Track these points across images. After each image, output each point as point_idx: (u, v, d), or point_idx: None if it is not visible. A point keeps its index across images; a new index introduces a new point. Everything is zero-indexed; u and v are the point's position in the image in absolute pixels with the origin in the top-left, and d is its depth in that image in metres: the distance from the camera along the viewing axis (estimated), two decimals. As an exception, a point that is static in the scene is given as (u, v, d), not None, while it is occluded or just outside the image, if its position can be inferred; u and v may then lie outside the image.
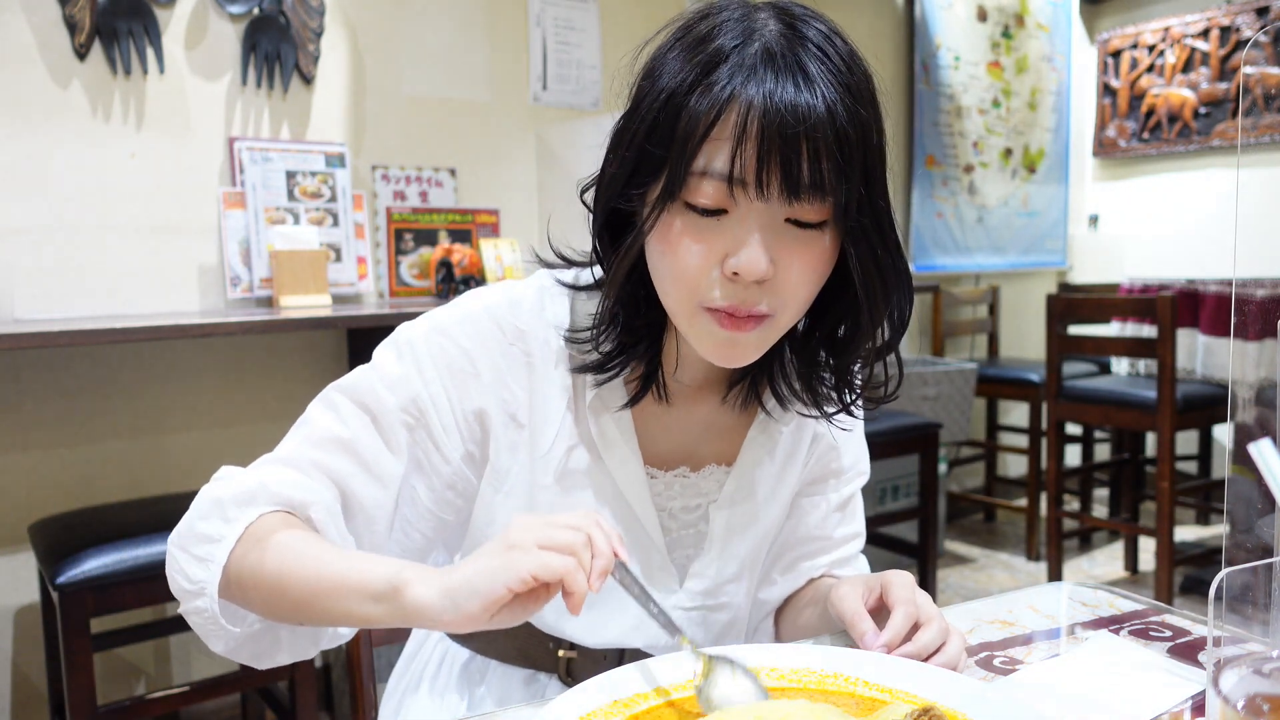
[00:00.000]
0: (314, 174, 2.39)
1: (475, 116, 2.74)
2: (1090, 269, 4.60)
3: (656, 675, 0.70)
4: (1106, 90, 4.53)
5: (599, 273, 0.84)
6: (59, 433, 2.14)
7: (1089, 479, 3.87)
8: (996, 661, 0.79)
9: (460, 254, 2.47)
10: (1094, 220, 4.66)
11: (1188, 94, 4.19)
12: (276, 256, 2.24)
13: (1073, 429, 3.92)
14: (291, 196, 2.36)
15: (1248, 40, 3.96)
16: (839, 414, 0.87)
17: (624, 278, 0.79)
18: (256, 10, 2.33)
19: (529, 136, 2.84)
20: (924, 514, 2.84)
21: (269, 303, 2.31)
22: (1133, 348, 3.06)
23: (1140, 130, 4.39)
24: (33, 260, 2.09)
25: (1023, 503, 3.90)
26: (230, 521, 0.74)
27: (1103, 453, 4.14)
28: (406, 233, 2.59)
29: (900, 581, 0.78)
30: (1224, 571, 0.57)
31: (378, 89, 2.57)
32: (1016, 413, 4.35)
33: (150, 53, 2.20)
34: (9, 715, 2.13)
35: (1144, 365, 3.40)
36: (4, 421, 2.08)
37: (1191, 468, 3.99)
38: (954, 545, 3.77)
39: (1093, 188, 4.67)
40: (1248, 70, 3.92)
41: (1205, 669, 0.76)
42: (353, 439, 0.80)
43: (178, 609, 0.77)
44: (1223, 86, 4.09)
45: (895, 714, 0.62)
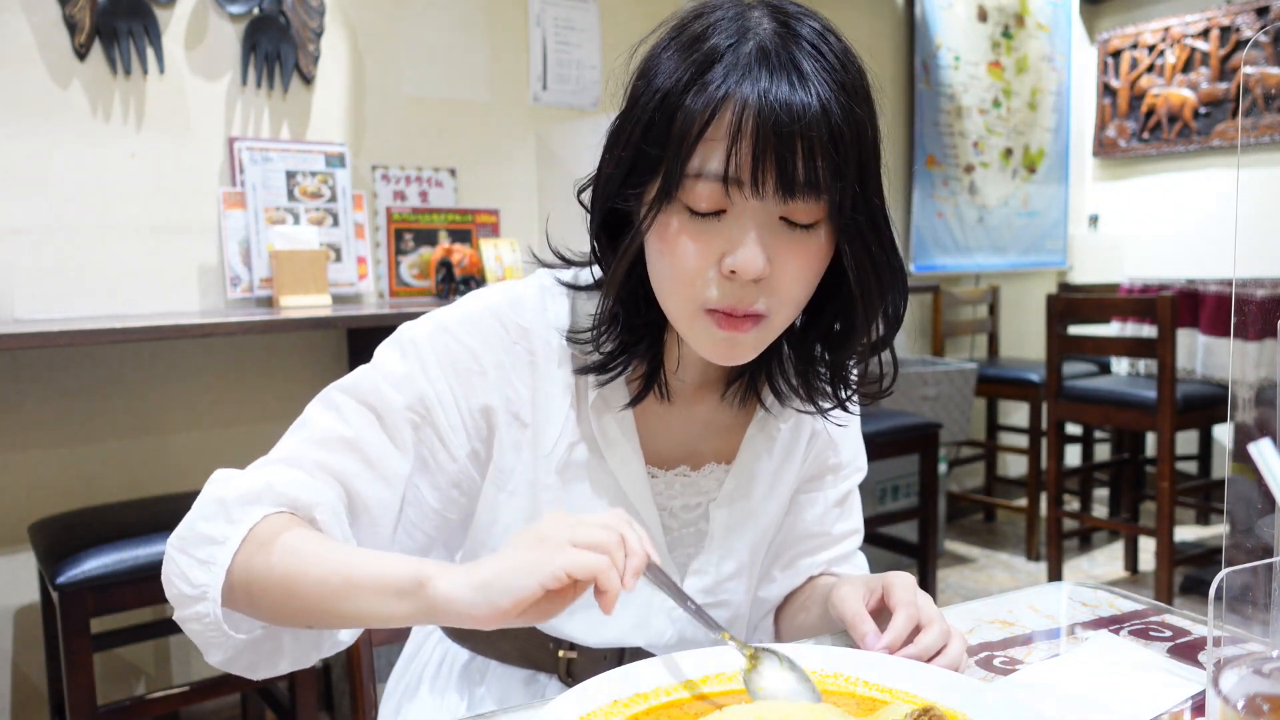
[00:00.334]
0: (314, 174, 2.39)
1: (475, 116, 2.74)
2: (1090, 269, 4.60)
3: (657, 675, 0.70)
4: (1106, 90, 4.53)
5: (598, 273, 0.84)
6: (59, 433, 2.14)
7: (1089, 479, 3.87)
8: (996, 661, 0.79)
9: (460, 254, 2.47)
10: (1094, 220, 4.66)
11: (1188, 94, 4.19)
12: (276, 256, 2.24)
13: (1073, 429, 3.92)
14: (291, 196, 2.36)
15: (1248, 40, 3.96)
16: (835, 410, 0.87)
17: (623, 277, 0.79)
18: (256, 10, 2.33)
19: (529, 136, 2.84)
20: (924, 514, 2.84)
21: (269, 303, 2.31)
22: (1133, 348, 3.06)
23: (1140, 130, 4.39)
24: (33, 260, 2.09)
25: (1023, 503, 3.90)
26: (234, 522, 0.73)
27: (1103, 453, 4.14)
28: (406, 233, 2.59)
29: (901, 583, 0.78)
30: (1224, 571, 0.57)
31: (378, 89, 2.57)
32: (1016, 413, 4.35)
33: (150, 53, 2.20)
34: (9, 715, 2.13)
35: (1144, 365, 3.40)
36: (4, 421, 2.08)
37: (1191, 468, 3.99)
38: (954, 545, 3.77)
39: (1093, 188, 4.67)
40: (1248, 70, 3.92)
41: (1205, 669, 0.76)
42: (357, 438, 0.80)
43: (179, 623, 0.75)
44: (1223, 86, 4.09)
45: (895, 714, 0.62)
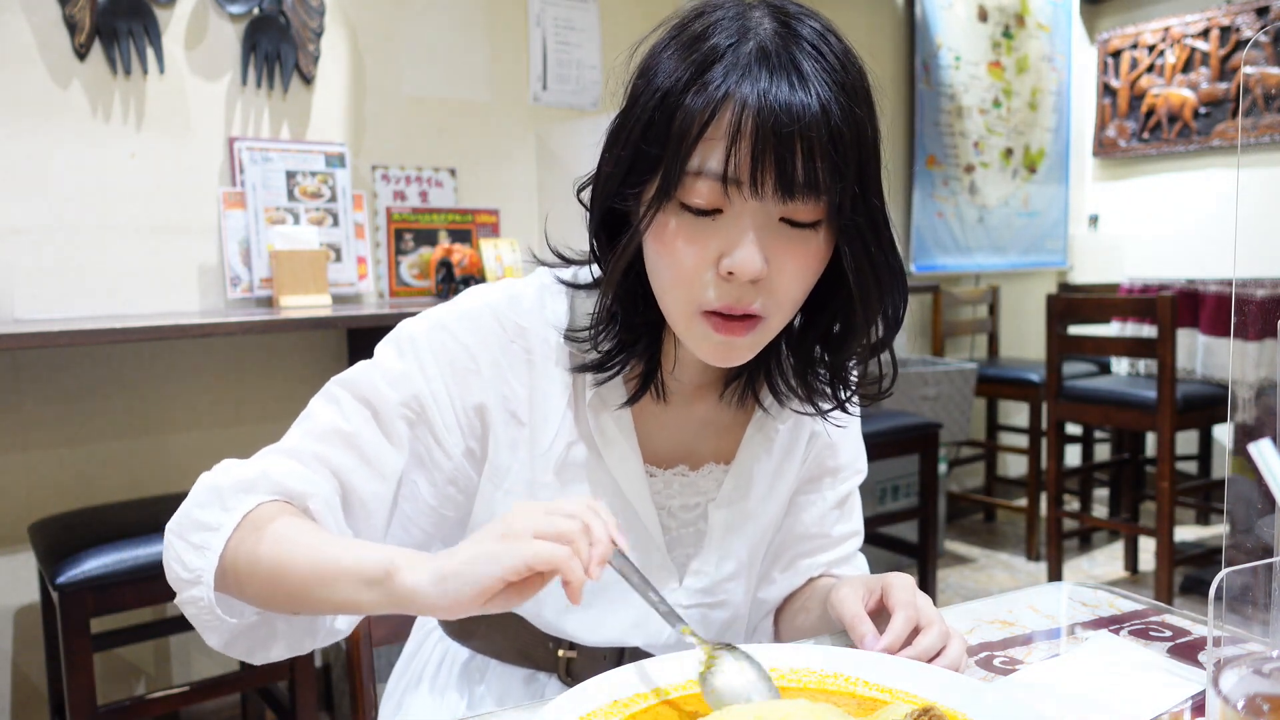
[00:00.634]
0: (314, 174, 2.39)
1: (475, 116, 2.74)
2: (1090, 269, 4.60)
3: (656, 675, 0.70)
4: (1106, 90, 4.53)
5: (597, 271, 0.84)
6: (59, 433, 2.14)
7: (1089, 479, 3.87)
8: (996, 661, 0.79)
9: (460, 254, 2.47)
10: (1094, 220, 4.67)
11: (1188, 94, 4.19)
12: (276, 256, 2.24)
13: (1073, 429, 3.92)
14: (291, 196, 2.36)
15: (1248, 40, 3.96)
16: (834, 410, 0.87)
17: (621, 276, 0.79)
18: (256, 10, 2.33)
19: (529, 136, 2.84)
20: (924, 514, 2.84)
21: (269, 303, 2.31)
22: (1133, 348, 3.06)
23: (1140, 130, 4.39)
24: (33, 260, 2.09)
25: (1023, 503, 3.90)
26: (229, 510, 0.74)
27: (1103, 453, 4.14)
28: (406, 233, 2.59)
29: (901, 584, 0.78)
30: (1224, 571, 0.57)
31: (378, 89, 2.57)
32: (1016, 413, 4.35)
33: (150, 53, 2.20)
34: (9, 715, 2.13)
35: (1144, 365, 3.39)
36: (4, 421, 2.08)
37: (1191, 468, 3.99)
38: (954, 545, 3.77)
39: (1093, 188, 4.67)
40: (1248, 70, 3.92)
41: (1205, 669, 0.76)
42: (354, 433, 0.80)
43: (177, 609, 0.76)
44: (1223, 86, 4.09)
45: (895, 714, 0.62)
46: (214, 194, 2.30)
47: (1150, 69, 4.33)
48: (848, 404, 0.87)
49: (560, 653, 0.90)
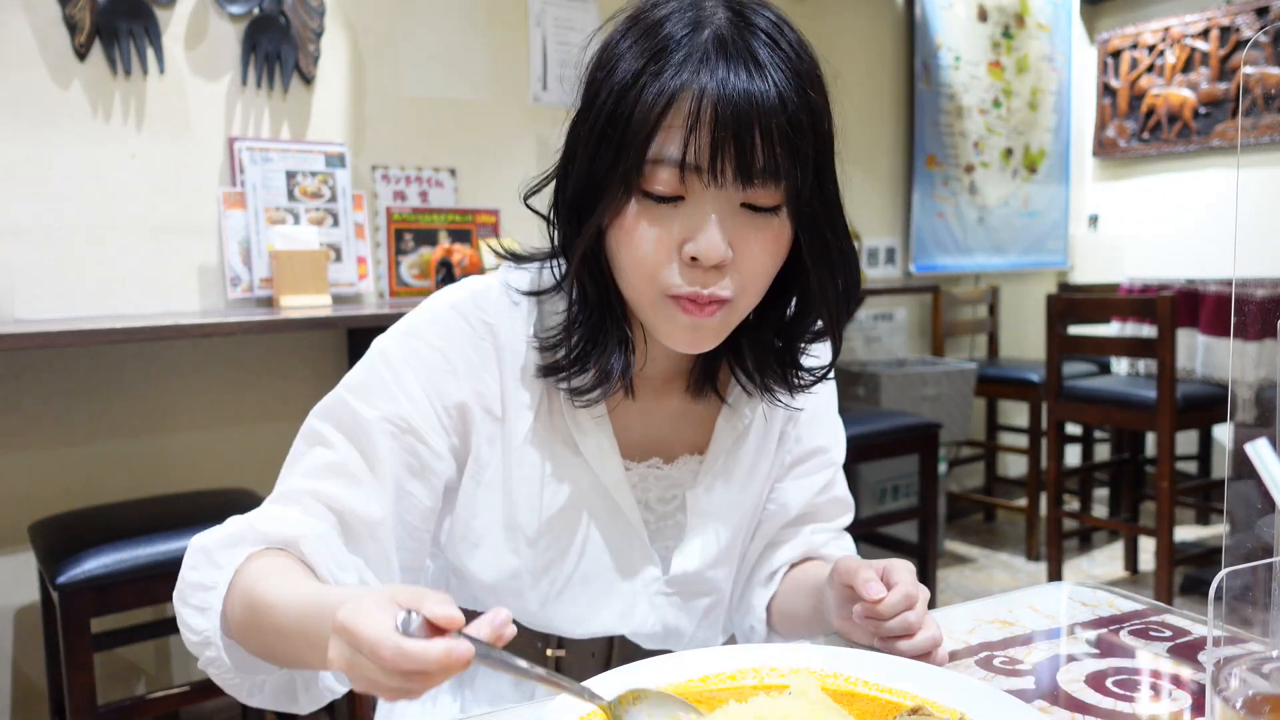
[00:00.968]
0: (314, 174, 2.39)
1: (475, 116, 2.74)
2: (1090, 269, 4.60)
3: (656, 675, 0.70)
4: (1106, 90, 4.53)
5: (559, 274, 0.85)
6: (59, 433, 2.14)
7: (1089, 479, 3.87)
8: (996, 661, 0.79)
9: (460, 254, 2.47)
10: (1094, 220, 4.66)
11: (1188, 94, 4.19)
12: (276, 256, 2.24)
13: (1072, 429, 3.91)
14: (291, 196, 2.36)
15: (1248, 40, 3.96)
16: (784, 393, 0.89)
17: (586, 273, 0.80)
18: (256, 10, 2.33)
19: (529, 136, 2.84)
20: (924, 514, 2.84)
21: (269, 303, 2.31)
22: (1133, 348, 3.06)
23: (1140, 130, 4.39)
24: (33, 260, 2.09)
25: (1023, 503, 3.90)
26: (220, 566, 0.74)
27: (1103, 453, 4.14)
28: (406, 233, 2.59)
29: (903, 567, 0.79)
30: (1224, 571, 0.57)
31: (378, 89, 2.57)
32: (1016, 413, 4.35)
33: (150, 53, 2.20)
34: (9, 715, 2.13)
35: (1144, 365, 3.39)
36: (4, 421, 2.08)
37: (1191, 468, 3.99)
38: (954, 545, 3.77)
39: (1093, 188, 4.67)
40: (1248, 70, 3.92)
41: (1205, 669, 0.76)
42: (342, 461, 0.80)
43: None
44: (1223, 86, 4.08)
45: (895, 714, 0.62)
46: (214, 194, 2.30)
47: (1150, 69, 4.33)
48: (796, 388, 0.89)
49: (549, 652, 0.90)
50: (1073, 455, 4.11)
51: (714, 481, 0.92)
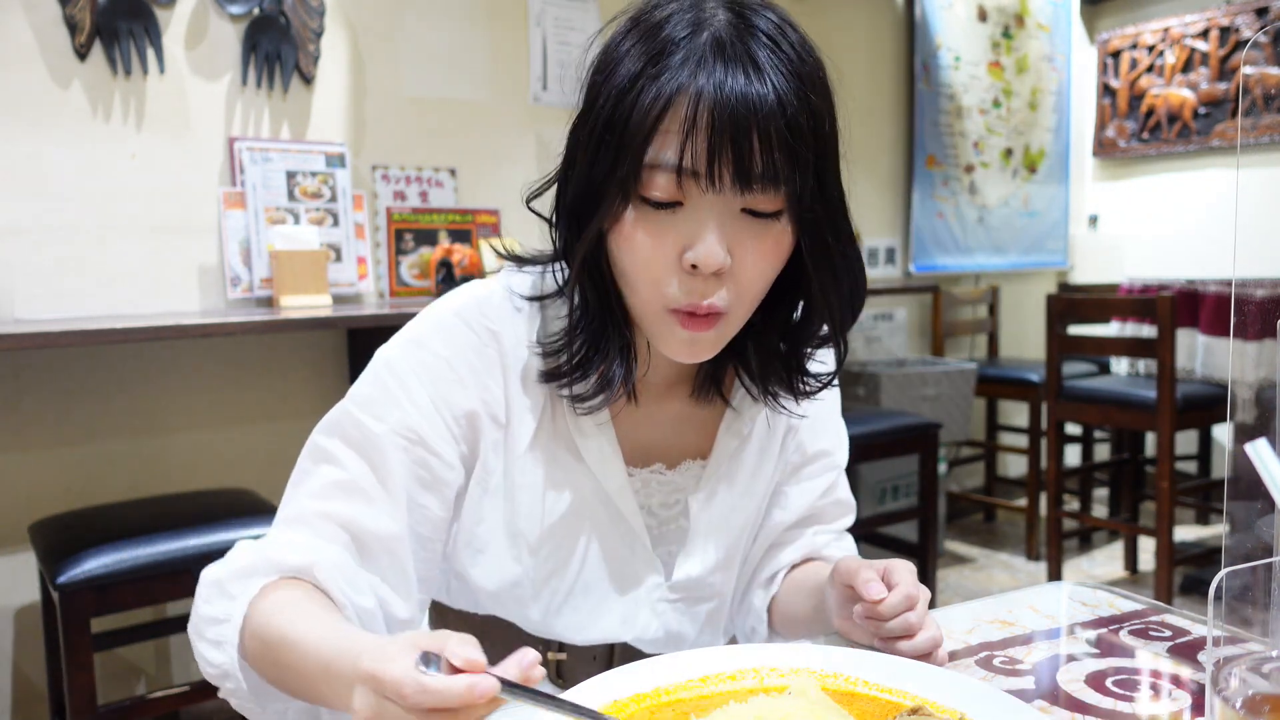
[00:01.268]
0: (314, 174, 2.39)
1: (475, 116, 2.74)
2: (1090, 269, 4.60)
3: (655, 676, 0.70)
4: (1106, 90, 4.53)
5: (561, 278, 0.84)
6: (59, 433, 2.14)
7: (1089, 479, 3.87)
8: (996, 661, 0.79)
9: (460, 254, 2.47)
10: (1094, 220, 4.66)
11: (1187, 94, 4.19)
12: (276, 256, 2.24)
13: (1072, 429, 3.92)
14: (291, 196, 2.36)
15: (1247, 40, 3.96)
16: (789, 399, 0.88)
17: (587, 279, 0.79)
18: (256, 10, 2.33)
19: (529, 136, 2.84)
20: (924, 514, 2.84)
21: (269, 303, 2.31)
22: (1133, 348, 3.06)
23: (1140, 130, 4.39)
24: (33, 260, 2.09)
25: (1023, 503, 3.90)
26: (234, 598, 0.73)
27: (1103, 453, 4.14)
28: (406, 233, 2.59)
29: (904, 567, 0.79)
30: (1224, 571, 0.57)
31: (378, 89, 2.57)
32: (1016, 413, 4.35)
33: (150, 53, 2.20)
34: (9, 715, 2.13)
35: (1144, 365, 3.39)
36: (4, 421, 2.08)
37: (1191, 468, 3.99)
38: (954, 545, 3.77)
39: (1093, 188, 4.67)
40: (1247, 70, 3.92)
41: (1205, 669, 0.76)
42: (352, 479, 0.79)
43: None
44: (1222, 86, 4.09)
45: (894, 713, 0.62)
46: (214, 194, 2.30)
47: (1150, 69, 4.33)
48: (801, 393, 0.88)
49: (550, 655, 0.90)
50: (1073, 455, 4.11)
51: (717, 486, 0.92)
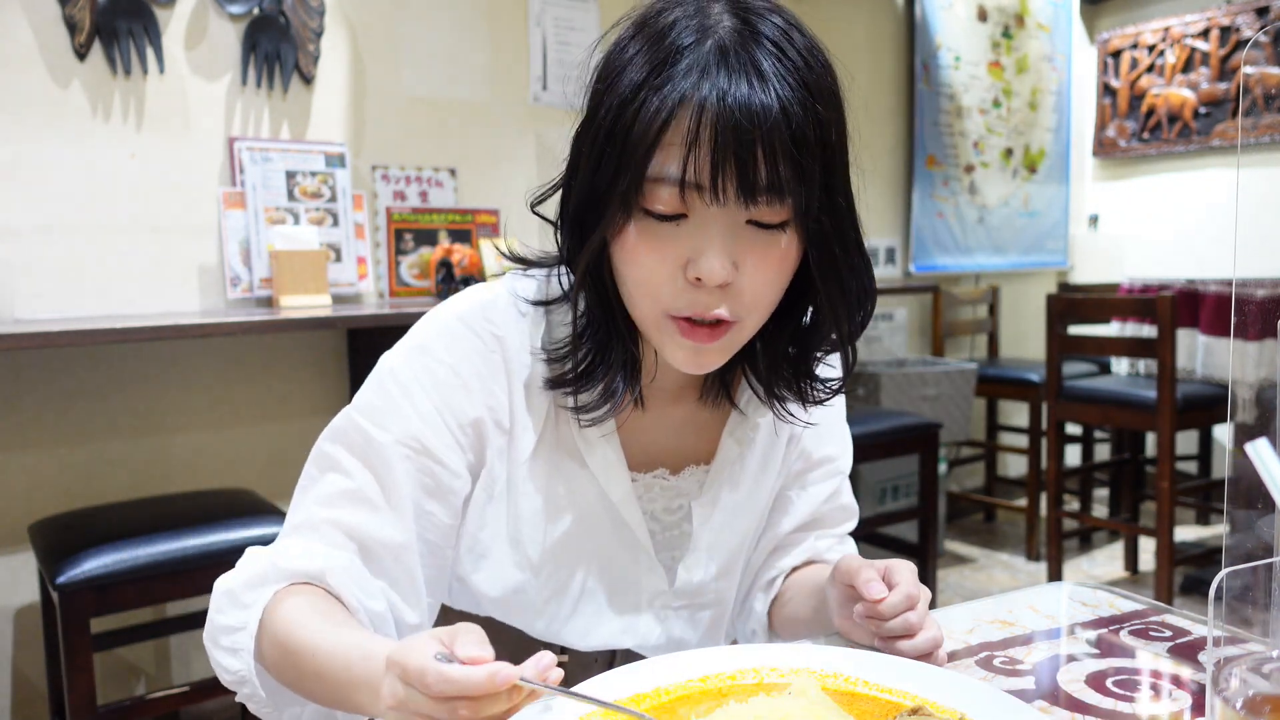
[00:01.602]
0: (314, 174, 2.39)
1: (475, 116, 2.74)
2: (1090, 269, 4.60)
3: (654, 676, 0.70)
4: (1106, 90, 4.53)
5: (567, 283, 0.83)
6: (59, 433, 2.14)
7: (1089, 479, 3.87)
8: (996, 661, 0.79)
9: (460, 254, 2.47)
10: (1094, 220, 4.66)
11: (1188, 94, 4.19)
12: (276, 256, 2.24)
13: (1073, 429, 3.92)
14: (291, 196, 2.36)
15: (1248, 40, 3.96)
16: (796, 405, 0.87)
17: (591, 287, 0.78)
18: (256, 10, 2.33)
19: (529, 136, 2.84)
20: (924, 514, 2.84)
21: (269, 303, 2.31)
22: (1133, 348, 3.06)
23: (1140, 130, 4.39)
24: (33, 260, 2.08)
25: (1023, 503, 3.90)
26: (247, 606, 0.74)
27: (1103, 453, 4.14)
28: (406, 233, 2.59)
29: (905, 567, 0.79)
30: (1224, 571, 0.57)
31: (378, 89, 2.57)
32: (1016, 413, 4.35)
33: (150, 53, 2.20)
34: (9, 715, 2.13)
35: (1144, 365, 3.39)
36: (4, 421, 2.08)
37: (1191, 468, 3.99)
38: (954, 545, 3.77)
39: (1093, 188, 4.67)
40: (1248, 70, 3.92)
41: (1205, 669, 0.76)
42: (359, 488, 0.79)
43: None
44: (1223, 86, 4.08)
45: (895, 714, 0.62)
46: (214, 194, 2.30)
47: (1150, 69, 4.33)
48: (810, 400, 0.87)
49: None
50: (1073, 455, 4.11)
51: (719, 492, 0.91)
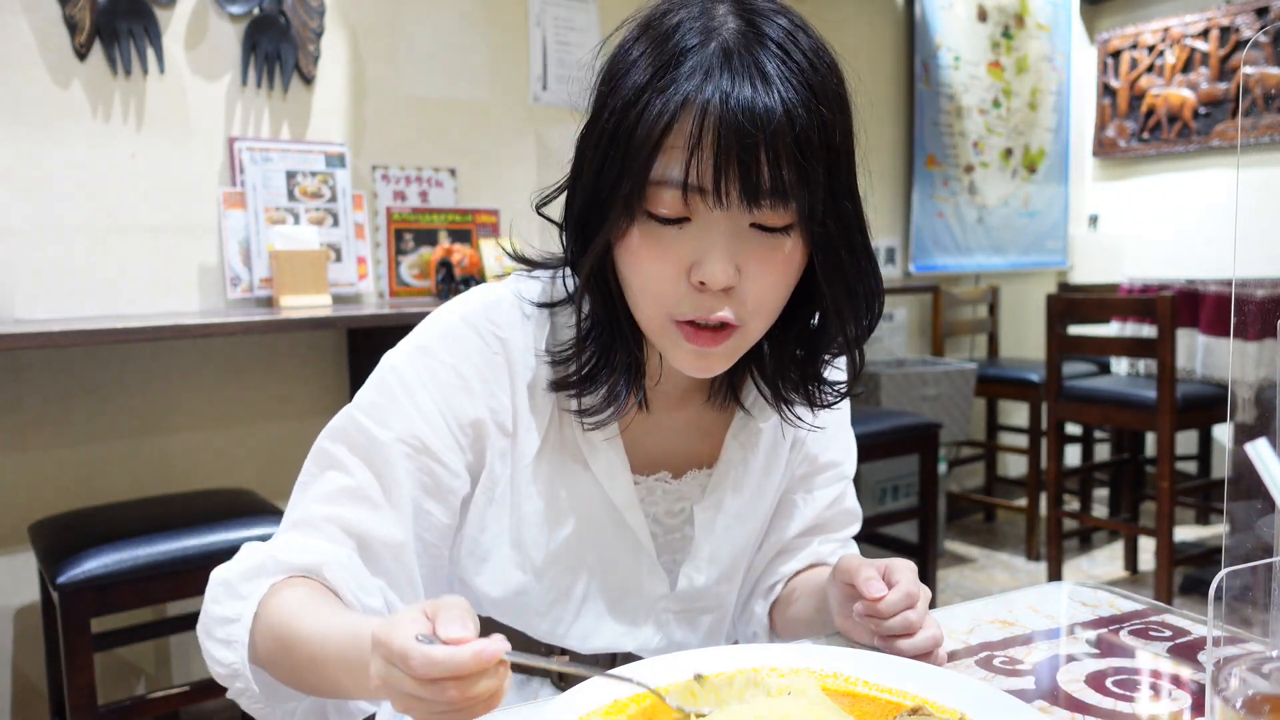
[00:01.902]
0: (314, 174, 2.39)
1: (475, 116, 2.74)
2: (1090, 269, 4.60)
3: (655, 676, 0.70)
4: (1106, 90, 4.53)
5: (571, 285, 0.82)
6: (59, 433, 2.14)
7: (1089, 479, 3.87)
8: (996, 661, 0.79)
9: (460, 254, 2.47)
10: (1094, 220, 4.67)
11: (1187, 94, 4.19)
12: (276, 256, 2.24)
13: (1073, 429, 3.92)
14: (291, 196, 2.36)
15: (1247, 40, 3.96)
16: (803, 409, 0.87)
17: (595, 291, 0.78)
18: (256, 10, 2.33)
19: (529, 136, 2.84)
20: (924, 514, 2.84)
21: (269, 303, 2.31)
22: (1133, 348, 3.06)
23: (1140, 130, 4.39)
24: (33, 260, 2.08)
25: (1023, 503, 3.90)
26: (244, 598, 0.73)
27: (1103, 453, 4.14)
28: (406, 233, 2.59)
29: (905, 566, 0.79)
30: (1224, 571, 0.57)
31: (378, 89, 2.57)
32: (1016, 413, 4.35)
33: (150, 53, 2.20)
34: (9, 715, 2.13)
35: (1144, 365, 3.39)
36: (4, 421, 2.08)
37: (1191, 468, 3.99)
38: (954, 545, 3.77)
39: (1093, 188, 4.67)
40: (1248, 70, 3.92)
41: (1205, 669, 0.76)
42: (359, 485, 0.78)
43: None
44: (1222, 86, 4.08)
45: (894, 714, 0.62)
46: (214, 194, 2.30)
47: (1150, 69, 4.33)
48: (817, 403, 0.86)
49: (553, 659, 0.90)
50: (1073, 455, 4.11)
51: (722, 496, 0.90)
